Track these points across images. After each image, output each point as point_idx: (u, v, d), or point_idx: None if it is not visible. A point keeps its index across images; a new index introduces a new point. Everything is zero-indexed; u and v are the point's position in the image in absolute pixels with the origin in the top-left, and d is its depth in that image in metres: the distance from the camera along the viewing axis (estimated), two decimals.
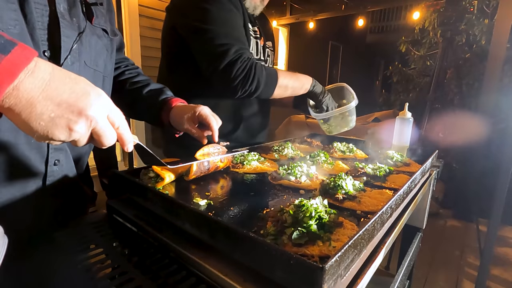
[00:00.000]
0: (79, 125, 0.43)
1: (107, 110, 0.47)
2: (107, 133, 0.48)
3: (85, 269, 0.53)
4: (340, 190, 0.74)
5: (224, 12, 1.12)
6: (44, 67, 0.41)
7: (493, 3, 3.45)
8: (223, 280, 0.48)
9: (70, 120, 0.42)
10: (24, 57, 0.39)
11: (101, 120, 0.46)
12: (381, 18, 7.99)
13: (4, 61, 0.37)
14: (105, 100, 0.47)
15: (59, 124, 0.42)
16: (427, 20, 4.08)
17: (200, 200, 0.69)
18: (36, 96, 0.40)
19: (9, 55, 0.38)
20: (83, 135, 0.45)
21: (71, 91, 0.42)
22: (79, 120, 0.43)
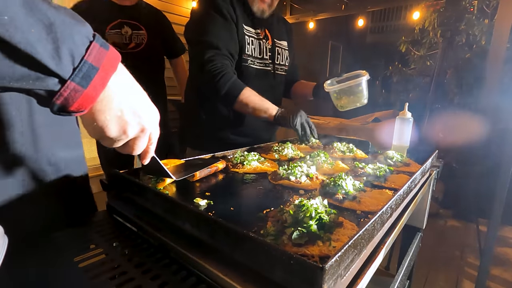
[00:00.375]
0: (132, 130, 0.47)
1: (154, 126, 0.52)
2: (142, 144, 0.52)
3: (85, 269, 0.53)
4: (340, 190, 0.74)
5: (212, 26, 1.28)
6: (125, 70, 0.46)
7: (493, 3, 3.45)
8: (223, 280, 0.48)
9: (129, 124, 0.46)
10: (116, 55, 0.44)
11: (147, 134, 0.51)
12: (381, 18, 7.99)
13: (108, 54, 0.42)
14: (157, 118, 0.53)
15: (119, 123, 0.45)
16: (427, 20, 4.07)
17: (200, 200, 0.69)
18: (117, 93, 0.44)
19: (109, 52, 0.42)
20: (128, 139, 0.49)
21: (142, 101, 0.48)
22: (135, 126, 0.47)
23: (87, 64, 0.39)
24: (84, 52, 0.39)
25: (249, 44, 1.38)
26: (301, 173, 0.88)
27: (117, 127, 0.45)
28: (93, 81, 0.40)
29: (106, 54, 0.41)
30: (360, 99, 1.32)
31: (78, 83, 0.38)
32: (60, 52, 0.36)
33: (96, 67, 0.40)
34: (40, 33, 0.34)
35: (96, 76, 0.40)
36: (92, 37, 0.41)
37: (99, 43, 0.41)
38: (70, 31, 0.37)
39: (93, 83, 0.40)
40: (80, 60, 0.38)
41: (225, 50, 1.27)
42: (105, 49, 0.42)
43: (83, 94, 0.39)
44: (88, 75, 0.39)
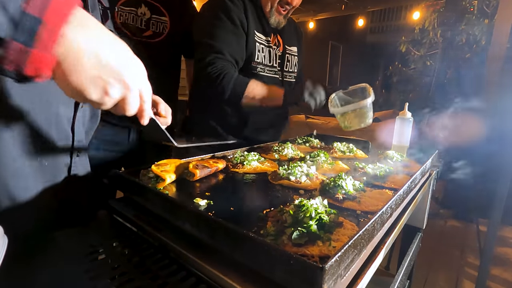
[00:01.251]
0: (115, 90, 0.43)
1: (142, 82, 0.48)
2: (134, 104, 0.48)
3: (85, 269, 0.53)
4: (340, 190, 0.74)
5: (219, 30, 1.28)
6: (94, 21, 0.40)
7: (493, 3, 3.45)
8: (223, 280, 0.48)
9: (109, 84, 0.41)
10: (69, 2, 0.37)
11: (134, 91, 0.46)
12: (381, 18, 7.99)
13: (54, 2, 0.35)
14: (143, 72, 0.47)
15: (98, 84, 0.40)
16: (427, 20, 4.07)
17: (200, 200, 0.69)
18: (85, 48, 0.38)
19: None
20: (114, 99, 0.44)
21: (118, 54, 0.42)
22: (117, 86, 0.43)
23: (28, 16, 0.33)
24: (22, 2, 0.32)
25: (260, 52, 1.38)
26: (301, 173, 0.88)
27: (96, 88, 0.41)
28: (38, 36, 0.33)
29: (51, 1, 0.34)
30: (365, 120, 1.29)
31: (23, 42, 0.33)
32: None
33: (39, 18, 0.33)
34: None
35: (40, 29, 0.33)
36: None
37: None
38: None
39: (40, 39, 0.33)
40: (18, 12, 0.32)
41: (229, 55, 1.27)
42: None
43: (32, 54, 0.33)
44: (32, 30, 0.33)
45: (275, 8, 1.36)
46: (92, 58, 0.39)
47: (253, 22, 1.34)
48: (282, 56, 1.49)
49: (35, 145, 0.64)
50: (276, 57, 1.46)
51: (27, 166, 0.63)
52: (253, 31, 1.35)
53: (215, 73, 1.24)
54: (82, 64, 0.38)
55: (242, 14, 1.31)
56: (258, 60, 1.38)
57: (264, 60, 1.41)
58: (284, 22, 1.44)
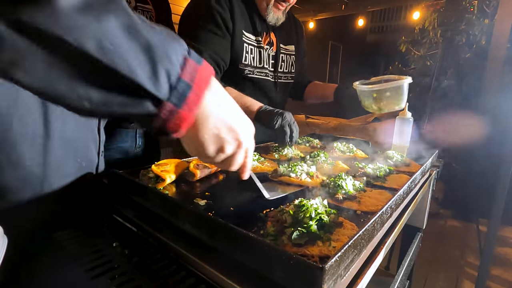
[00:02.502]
0: (229, 148, 0.46)
1: (250, 140, 0.51)
2: (240, 160, 0.51)
3: (85, 269, 0.53)
4: (340, 190, 0.74)
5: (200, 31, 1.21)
6: (219, 86, 0.44)
7: (493, 3, 3.45)
8: (223, 280, 0.48)
9: (226, 142, 0.45)
10: (209, 69, 0.42)
11: (244, 150, 0.49)
12: (381, 18, 7.99)
13: (200, 69, 0.40)
14: (252, 132, 0.51)
15: (217, 141, 0.45)
16: (427, 20, 4.07)
17: (200, 200, 0.69)
18: (212, 111, 0.42)
19: (202, 66, 0.40)
20: (226, 155, 0.48)
21: (237, 116, 0.47)
22: (233, 144, 0.46)
23: (183, 83, 0.37)
24: (180, 70, 0.37)
25: (248, 53, 1.31)
26: (302, 171, 0.88)
27: (215, 145, 0.45)
28: (187, 99, 0.38)
29: (199, 70, 0.40)
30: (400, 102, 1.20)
31: (174, 103, 0.37)
32: (158, 73, 0.35)
33: (190, 83, 0.38)
34: (139, 57, 0.34)
35: (190, 94, 0.38)
36: (188, 53, 0.39)
37: (194, 59, 0.40)
38: (166, 50, 0.36)
39: (188, 102, 0.38)
40: (176, 79, 0.37)
41: (208, 55, 1.20)
42: (198, 63, 0.40)
43: (177, 114, 0.38)
44: (183, 94, 0.38)
45: (272, 5, 1.29)
46: (218, 118, 0.44)
47: (241, 22, 1.27)
48: (275, 56, 1.42)
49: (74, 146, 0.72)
50: (269, 58, 1.39)
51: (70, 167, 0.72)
52: (241, 31, 1.28)
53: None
54: (208, 123, 0.43)
55: (227, 14, 1.24)
56: (246, 62, 1.31)
57: (253, 61, 1.33)
58: (283, 19, 1.37)
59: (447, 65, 3.37)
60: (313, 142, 1.43)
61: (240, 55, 1.29)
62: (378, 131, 3.06)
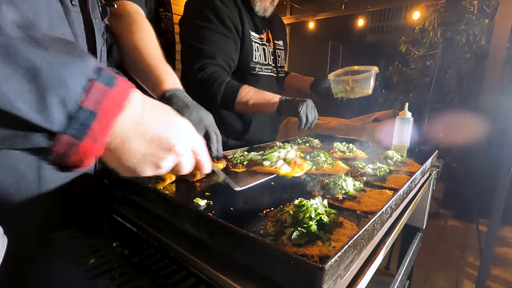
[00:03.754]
0: (167, 162, 0.43)
1: (192, 142, 0.47)
2: (188, 166, 0.48)
3: (85, 269, 0.53)
4: (340, 190, 0.74)
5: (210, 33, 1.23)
6: (135, 100, 0.38)
7: (493, 3, 3.45)
8: (223, 280, 0.48)
9: (159, 158, 0.41)
10: (125, 88, 0.36)
11: (187, 155, 0.46)
12: (381, 18, 7.98)
13: (112, 92, 0.34)
14: (190, 132, 0.47)
15: (148, 161, 0.41)
16: (427, 20, 4.07)
17: (200, 200, 0.69)
18: (129, 133, 0.37)
19: (114, 88, 0.35)
20: (168, 169, 0.44)
21: (161, 126, 0.41)
22: (168, 157, 0.42)
23: (84, 111, 0.32)
24: (81, 96, 0.32)
25: (256, 51, 1.36)
26: (278, 158, 0.78)
27: (148, 165, 0.41)
28: (90, 130, 0.32)
29: (109, 93, 0.34)
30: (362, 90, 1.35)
31: (73, 135, 0.32)
32: (47, 102, 0.29)
33: (94, 111, 0.32)
34: (19, 84, 0.28)
35: (94, 124, 0.32)
36: (95, 74, 0.33)
37: (103, 81, 0.34)
38: (60, 74, 0.30)
39: (91, 133, 0.32)
40: (75, 107, 0.31)
41: (221, 60, 1.23)
42: (109, 86, 0.34)
43: (78, 147, 0.32)
44: (84, 124, 0.32)
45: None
46: (141, 140, 0.39)
47: (247, 21, 1.30)
48: (273, 52, 1.47)
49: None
50: (270, 54, 1.45)
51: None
52: (248, 30, 1.31)
53: (205, 79, 1.20)
54: (129, 148, 0.38)
55: (234, 14, 1.26)
56: (256, 60, 1.36)
57: (260, 59, 1.38)
58: (271, 9, 1.38)
59: (447, 65, 3.37)
60: (313, 142, 1.43)
61: (250, 54, 1.33)
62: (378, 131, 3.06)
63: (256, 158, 0.80)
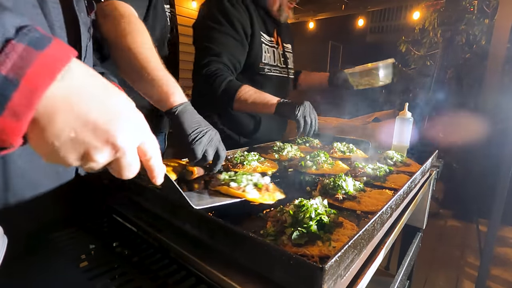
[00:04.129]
0: (101, 155, 0.34)
1: (140, 138, 0.38)
2: (132, 167, 0.38)
3: (85, 269, 0.53)
4: (340, 190, 0.74)
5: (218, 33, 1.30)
6: (75, 70, 0.32)
7: (493, 3, 3.44)
8: (223, 280, 0.48)
9: (92, 147, 0.33)
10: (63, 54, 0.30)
11: (130, 152, 0.36)
12: (381, 18, 7.98)
13: (43, 55, 0.28)
14: (139, 125, 0.38)
15: (77, 148, 0.32)
16: (427, 20, 4.07)
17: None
18: (58, 106, 0.30)
19: (46, 50, 0.29)
20: (101, 165, 0.35)
21: (102, 108, 0.33)
22: (104, 149, 0.33)
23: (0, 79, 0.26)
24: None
25: (265, 52, 1.41)
26: (249, 181, 0.71)
27: (74, 153, 0.32)
28: (10, 102, 0.26)
29: (37, 57, 0.27)
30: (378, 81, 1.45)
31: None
32: None
33: (14, 79, 0.26)
34: None
35: (15, 94, 0.26)
36: (14, 32, 0.27)
37: (28, 41, 0.27)
38: None
39: (11, 106, 0.26)
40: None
41: (226, 59, 1.27)
42: (37, 48, 0.28)
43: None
44: (1, 94, 0.26)
45: (285, 5, 1.39)
46: (72, 119, 0.30)
47: (257, 24, 1.36)
48: (283, 54, 1.53)
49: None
50: (280, 56, 1.50)
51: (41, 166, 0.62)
52: (259, 32, 1.37)
53: (208, 75, 1.24)
54: (55, 125, 0.30)
55: (245, 18, 1.32)
56: (265, 61, 1.41)
57: (270, 60, 1.44)
58: (291, 16, 1.48)
59: (447, 65, 3.37)
60: (313, 142, 1.43)
61: (259, 55, 1.39)
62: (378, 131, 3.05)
63: (223, 178, 0.72)
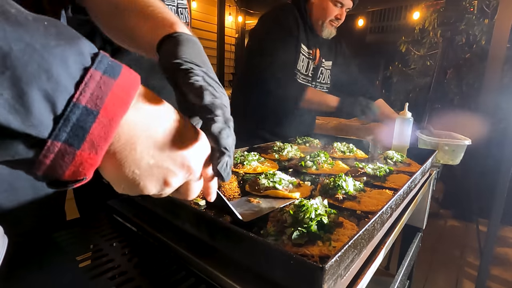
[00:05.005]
0: (176, 179, 0.33)
1: (205, 157, 0.37)
2: (198, 188, 0.38)
3: (85, 269, 0.53)
4: (340, 190, 0.74)
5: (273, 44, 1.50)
6: (147, 95, 0.31)
7: (493, 3, 3.44)
8: (223, 280, 0.48)
9: (170, 172, 0.32)
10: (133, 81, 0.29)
11: (198, 173, 0.36)
12: (381, 18, 7.98)
13: (117, 84, 0.27)
14: (206, 145, 0.36)
15: (156, 174, 0.32)
16: (427, 20, 4.07)
17: (200, 200, 0.69)
18: (139, 134, 0.29)
19: (119, 78, 0.27)
20: (174, 189, 0.35)
21: (178, 133, 0.32)
22: (179, 173, 0.33)
23: (79, 109, 0.24)
24: (73, 89, 0.24)
25: (301, 61, 1.58)
26: (289, 182, 0.80)
27: (154, 180, 0.32)
28: (89, 134, 0.25)
29: (113, 85, 0.26)
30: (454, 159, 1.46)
31: (66, 141, 0.24)
32: (27, 99, 0.22)
33: (94, 110, 0.25)
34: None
35: (94, 126, 0.25)
36: (90, 61, 0.26)
37: (104, 69, 0.26)
38: (44, 60, 0.22)
39: (90, 138, 0.25)
40: (66, 104, 0.24)
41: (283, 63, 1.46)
42: (112, 76, 0.26)
43: (76, 157, 0.25)
44: (81, 127, 0.24)
45: (327, 23, 1.55)
46: (150, 145, 0.30)
47: (301, 35, 1.54)
48: (316, 68, 1.67)
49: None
50: (311, 68, 1.66)
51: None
52: (300, 43, 1.54)
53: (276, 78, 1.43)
54: (135, 153, 0.29)
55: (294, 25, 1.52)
56: (298, 68, 1.58)
57: (302, 68, 1.60)
58: (334, 33, 1.63)
59: (447, 65, 3.37)
60: (313, 142, 1.43)
61: (297, 61, 1.56)
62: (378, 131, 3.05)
63: (265, 182, 0.76)
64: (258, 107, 1.62)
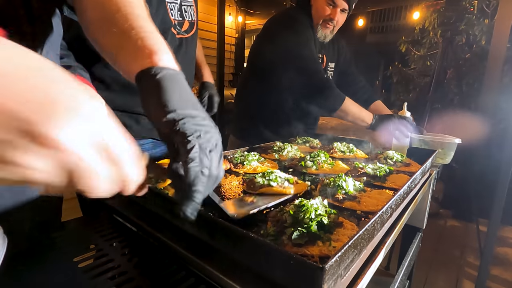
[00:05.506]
0: (28, 157, 0.23)
1: (99, 136, 0.27)
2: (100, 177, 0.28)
3: (85, 269, 0.53)
4: (340, 190, 0.74)
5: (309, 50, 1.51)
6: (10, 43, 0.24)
7: (493, 3, 3.45)
8: (223, 280, 0.48)
9: (8, 145, 0.22)
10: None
11: (86, 153, 0.26)
12: (381, 18, 7.98)
13: None
14: (98, 118, 0.27)
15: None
16: (427, 20, 4.07)
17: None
18: None
19: None
20: (43, 173, 0.25)
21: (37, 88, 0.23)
22: (30, 148, 0.23)
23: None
24: None
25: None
26: (283, 179, 0.79)
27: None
28: None
29: None
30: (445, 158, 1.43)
31: None
32: None
33: None
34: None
35: None
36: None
37: None
38: None
39: None
40: None
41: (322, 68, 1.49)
42: None
43: None
44: None
45: (320, 24, 1.55)
46: None
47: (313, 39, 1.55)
48: (324, 71, 1.67)
49: None
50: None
51: None
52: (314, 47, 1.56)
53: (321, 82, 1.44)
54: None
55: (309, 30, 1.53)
56: None
57: None
58: (331, 36, 1.62)
59: (447, 65, 3.37)
60: (313, 142, 1.43)
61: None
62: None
63: (260, 180, 0.77)
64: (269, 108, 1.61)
